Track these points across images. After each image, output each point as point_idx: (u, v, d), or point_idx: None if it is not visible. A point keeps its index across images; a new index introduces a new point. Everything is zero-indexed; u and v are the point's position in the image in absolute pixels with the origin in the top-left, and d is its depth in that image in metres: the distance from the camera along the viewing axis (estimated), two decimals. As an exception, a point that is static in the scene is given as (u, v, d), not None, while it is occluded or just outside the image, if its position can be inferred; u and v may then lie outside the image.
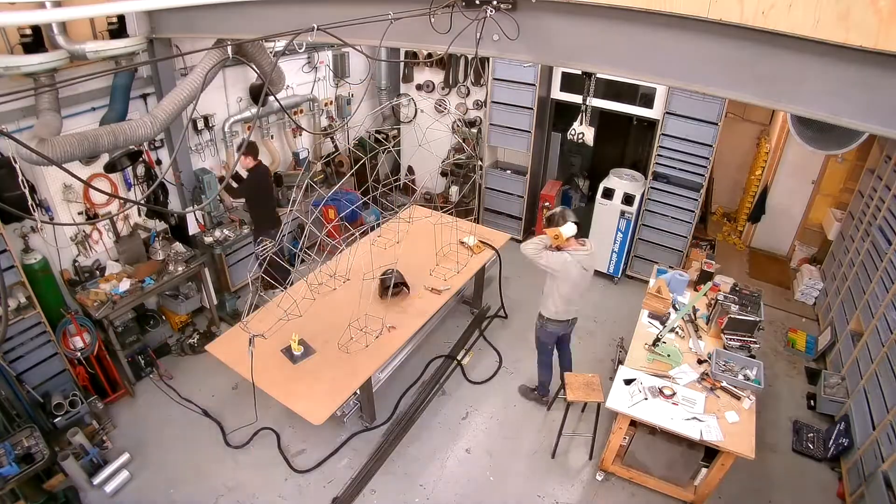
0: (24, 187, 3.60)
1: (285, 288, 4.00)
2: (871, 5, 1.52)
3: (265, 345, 3.51)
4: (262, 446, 4.02)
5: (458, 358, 4.85)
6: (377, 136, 6.71)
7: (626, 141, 7.06)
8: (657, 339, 3.90)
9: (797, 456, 4.16)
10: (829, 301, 5.55)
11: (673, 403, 3.46)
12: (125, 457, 3.87)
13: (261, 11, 2.97)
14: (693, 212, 5.53)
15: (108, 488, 3.65)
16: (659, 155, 5.44)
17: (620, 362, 4.17)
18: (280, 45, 4.69)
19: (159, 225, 4.85)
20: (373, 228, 5.28)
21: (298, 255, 4.38)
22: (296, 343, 3.57)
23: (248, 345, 3.26)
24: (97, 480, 3.66)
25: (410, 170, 7.44)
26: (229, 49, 2.84)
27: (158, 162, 4.67)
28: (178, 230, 4.93)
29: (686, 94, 4.95)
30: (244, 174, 4.74)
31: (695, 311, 4.33)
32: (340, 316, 3.86)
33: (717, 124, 5.01)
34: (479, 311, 5.42)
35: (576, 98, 5.47)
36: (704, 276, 4.57)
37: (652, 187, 5.64)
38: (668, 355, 3.81)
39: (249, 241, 5.34)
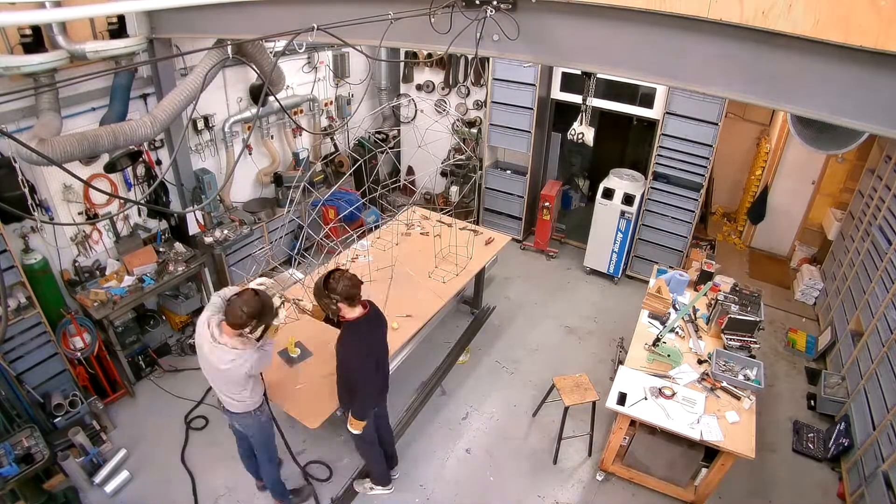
0: (24, 187, 3.60)
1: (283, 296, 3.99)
2: (872, 5, 1.52)
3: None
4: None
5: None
6: (377, 136, 6.72)
7: (626, 141, 7.07)
8: (657, 339, 3.90)
9: (797, 456, 4.16)
10: (829, 301, 5.55)
11: (673, 403, 3.46)
12: (125, 456, 3.88)
13: (261, 11, 2.97)
14: (693, 212, 5.53)
15: (108, 488, 3.65)
16: (659, 155, 5.44)
17: (621, 362, 4.17)
18: (280, 45, 4.68)
19: (160, 225, 4.85)
20: (371, 230, 5.28)
21: (296, 258, 4.37)
22: (293, 346, 3.56)
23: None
24: (97, 480, 3.67)
25: (410, 170, 7.44)
26: (229, 49, 2.85)
27: (158, 162, 4.67)
28: (178, 230, 4.93)
29: (686, 94, 4.95)
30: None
31: (695, 311, 4.33)
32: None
33: (717, 124, 5.01)
34: (479, 312, 5.43)
35: (576, 98, 5.46)
36: (704, 276, 4.57)
37: (652, 187, 5.64)
38: (669, 355, 3.81)
39: (249, 241, 5.34)
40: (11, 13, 2.33)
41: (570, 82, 5.76)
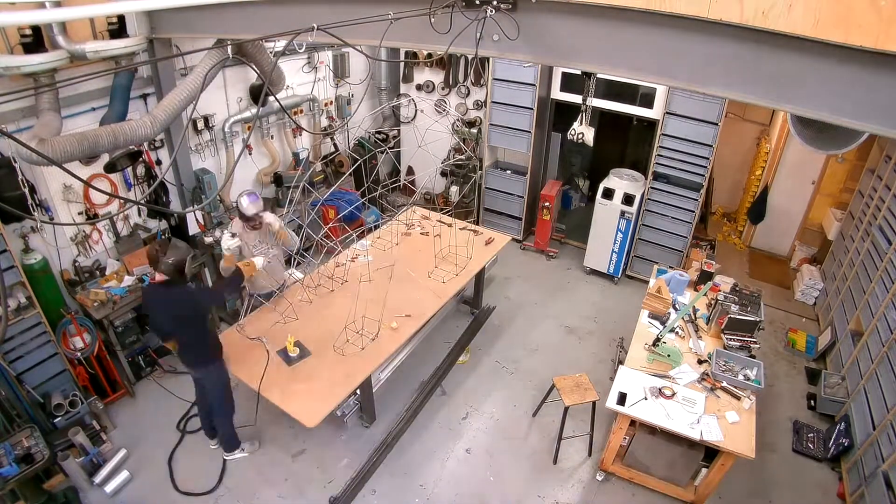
0: (24, 187, 3.60)
1: (280, 291, 4.01)
2: (872, 5, 1.52)
3: (261, 347, 3.50)
4: (263, 448, 4.03)
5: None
6: (377, 136, 6.72)
7: (626, 141, 7.07)
8: (657, 339, 3.90)
9: (797, 456, 4.16)
10: (829, 301, 5.55)
11: (673, 403, 3.46)
12: (125, 456, 3.88)
13: (261, 11, 2.97)
14: (693, 212, 5.53)
15: (108, 488, 3.65)
16: (659, 155, 5.44)
17: (621, 362, 4.17)
18: (280, 45, 4.68)
19: (160, 225, 4.85)
20: (371, 230, 5.28)
21: (296, 258, 4.37)
22: (291, 345, 3.56)
23: (250, 347, 3.25)
24: (97, 480, 3.67)
25: (410, 170, 7.44)
26: (229, 49, 2.85)
27: (158, 162, 4.67)
28: (178, 230, 4.93)
29: (686, 94, 4.95)
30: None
31: (695, 311, 4.33)
32: (338, 318, 3.85)
33: (717, 124, 5.01)
34: (479, 312, 5.42)
35: (576, 98, 5.47)
36: (704, 276, 4.57)
37: (652, 187, 5.64)
38: (669, 355, 3.81)
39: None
40: (11, 13, 2.33)
41: (570, 82, 5.76)
